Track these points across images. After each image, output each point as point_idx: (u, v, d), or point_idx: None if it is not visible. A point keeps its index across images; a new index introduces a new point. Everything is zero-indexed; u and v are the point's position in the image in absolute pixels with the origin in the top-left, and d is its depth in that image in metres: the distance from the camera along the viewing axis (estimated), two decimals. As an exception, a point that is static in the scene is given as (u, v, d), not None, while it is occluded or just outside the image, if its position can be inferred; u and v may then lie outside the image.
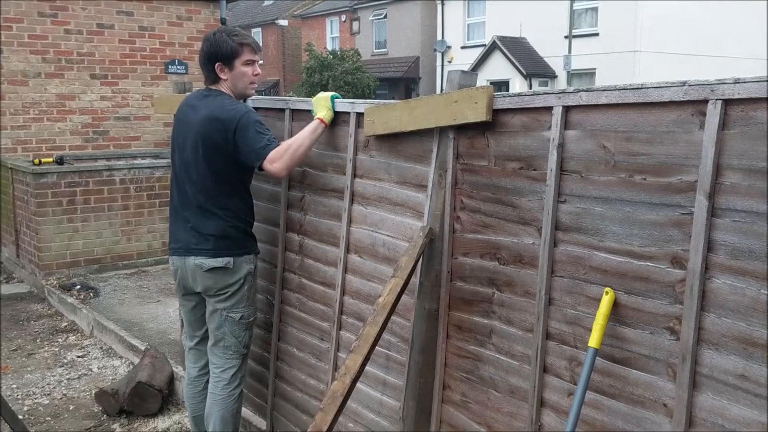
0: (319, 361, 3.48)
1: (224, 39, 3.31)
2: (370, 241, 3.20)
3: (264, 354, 3.82)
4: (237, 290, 3.36)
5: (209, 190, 3.29)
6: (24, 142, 9.00)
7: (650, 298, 2.22)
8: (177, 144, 3.41)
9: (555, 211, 2.46)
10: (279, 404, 3.78)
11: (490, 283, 2.75)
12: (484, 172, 2.74)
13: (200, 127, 3.27)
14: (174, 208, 3.46)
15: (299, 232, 3.58)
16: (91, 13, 9.27)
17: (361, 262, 3.25)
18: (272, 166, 3.17)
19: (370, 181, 3.20)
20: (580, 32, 25.69)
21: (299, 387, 3.61)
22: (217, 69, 3.33)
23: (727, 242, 2.02)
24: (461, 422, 2.91)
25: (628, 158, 2.24)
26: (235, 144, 3.22)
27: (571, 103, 2.38)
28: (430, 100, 2.86)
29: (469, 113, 2.66)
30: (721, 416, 2.05)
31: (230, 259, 3.31)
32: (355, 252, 3.27)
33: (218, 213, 3.30)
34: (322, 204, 3.44)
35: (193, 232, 3.32)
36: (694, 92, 2.04)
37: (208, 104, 3.30)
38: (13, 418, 3.33)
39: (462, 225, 2.86)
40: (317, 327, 3.48)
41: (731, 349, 2.02)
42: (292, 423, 3.66)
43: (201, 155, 3.28)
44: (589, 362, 2.26)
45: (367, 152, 3.21)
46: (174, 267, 3.43)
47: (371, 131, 3.08)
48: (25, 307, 7.02)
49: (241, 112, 3.24)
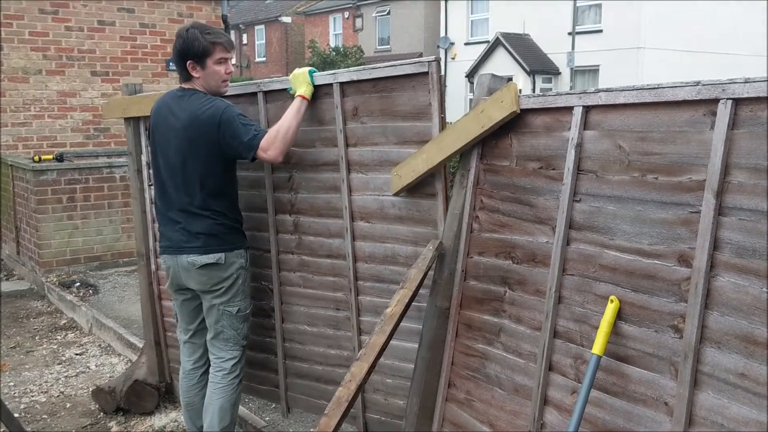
0: (338, 331, 3.49)
1: (196, 36, 3.24)
2: (377, 206, 3.22)
3: (265, 340, 3.79)
4: (231, 285, 3.37)
5: (195, 192, 3.28)
6: (25, 139, 8.97)
7: (656, 296, 2.24)
8: (159, 147, 3.38)
9: (570, 210, 2.50)
10: (294, 384, 3.75)
11: (503, 281, 2.79)
12: (505, 172, 2.79)
13: (183, 130, 3.24)
14: (159, 211, 3.47)
15: (291, 212, 3.55)
16: (92, 10, 9.24)
17: (370, 227, 3.27)
18: (267, 154, 3.17)
19: (367, 147, 3.20)
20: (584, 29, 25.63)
21: (318, 360, 3.60)
22: (189, 67, 3.28)
23: (733, 241, 2.04)
24: (464, 420, 2.93)
25: (642, 158, 2.28)
26: (222, 141, 3.20)
27: (591, 103, 2.43)
28: (459, 123, 2.90)
29: (497, 114, 2.71)
30: (721, 415, 2.06)
31: (221, 255, 3.31)
32: (362, 219, 3.28)
33: (205, 214, 3.30)
34: (314, 180, 3.42)
35: (182, 232, 3.32)
36: (707, 92, 2.08)
37: (186, 106, 3.26)
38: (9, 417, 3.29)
39: (480, 224, 2.90)
40: (330, 299, 3.49)
41: (733, 347, 2.04)
42: (314, 397, 3.67)
43: (186, 158, 3.26)
44: (592, 369, 2.30)
45: (358, 120, 3.21)
46: (166, 265, 3.45)
47: (399, 185, 3.06)
48: (24, 304, 7.00)
49: (220, 109, 3.21)
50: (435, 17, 31.74)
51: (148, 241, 4.21)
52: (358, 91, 3.18)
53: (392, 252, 3.19)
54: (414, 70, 2.97)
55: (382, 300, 3.22)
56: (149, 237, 4.19)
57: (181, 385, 3.65)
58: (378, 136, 3.15)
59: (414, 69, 2.98)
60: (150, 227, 4.17)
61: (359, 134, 3.21)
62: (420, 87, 2.97)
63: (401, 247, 3.17)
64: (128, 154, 4.23)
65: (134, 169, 4.20)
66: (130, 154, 4.20)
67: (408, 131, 3.05)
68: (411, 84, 3.01)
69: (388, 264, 3.22)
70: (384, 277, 3.24)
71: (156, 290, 4.25)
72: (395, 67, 3.06)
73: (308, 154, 3.41)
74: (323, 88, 3.28)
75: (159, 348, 4.31)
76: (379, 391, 3.36)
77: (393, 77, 3.06)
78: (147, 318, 4.33)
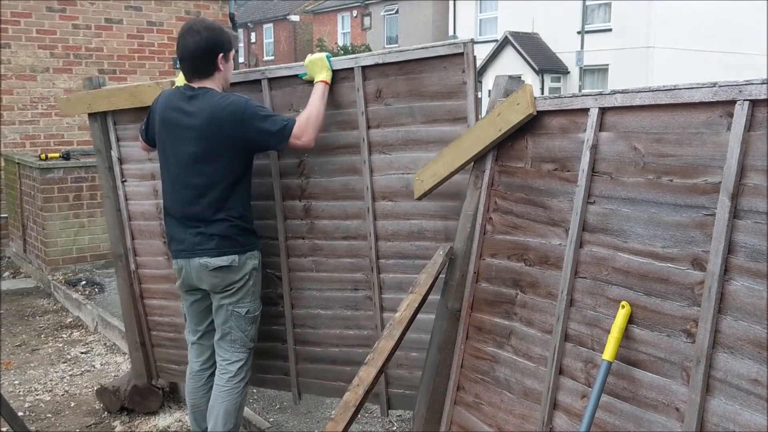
0: (357, 311, 3.49)
1: (222, 28, 3.23)
2: (402, 184, 3.25)
3: (271, 329, 3.73)
4: (242, 286, 3.33)
5: (211, 193, 3.23)
6: (32, 137, 8.97)
7: (669, 299, 2.21)
8: (169, 149, 3.31)
9: (584, 212, 2.48)
10: (307, 369, 3.72)
11: (515, 284, 2.77)
12: (520, 174, 2.77)
13: (201, 131, 3.17)
14: (169, 213, 3.39)
15: (301, 197, 3.54)
16: (99, 8, 9.24)
17: (393, 205, 3.30)
18: (300, 141, 3.17)
19: (391, 128, 3.24)
20: (593, 28, 25.56)
21: (335, 343, 3.59)
22: (220, 60, 3.24)
23: (747, 244, 2.01)
24: (471, 423, 2.91)
25: (657, 159, 2.25)
26: (248, 136, 3.17)
27: (607, 104, 2.41)
28: (474, 129, 2.92)
29: (513, 116, 2.70)
30: (733, 422, 2.02)
31: (235, 257, 3.27)
32: (384, 198, 3.31)
33: (220, 216, 3.25)
34: (330, 163, 3.42)
35: (196, 234, 3.27)
36: (723, 93, 2.05)
37: (202, 105, 3.18)
38: (12, 416, 3.27)
39: (493, 226, 2.89)
40: (347, 280, 3.49)
41: (746, 352, 2.00)
42: (329, 380, 3.65)
43: (204, 159, 3.20)
44: (603, 375, 2.27)
45: (381, 102, 3.24)
46: (178, 266, 3.39)
47: (422, 190, 3.09)
48: (30, 302, 7.00)
49: (242, 104, 3.17)
50: (443, 16, 31.70)
51: (125, 240, 4.09)
52: (381, 74, 3.21)
53: (419, 228, 3.24)
54: (447, 52, 3.01)
55: (406, 276, 3.27)
56: (126, 236, 4.08)
57: (188, 387, 3.61)
58: (404, 117, 3.20)
59: (447, 50, 3.02)
60: (126, 225, 4.07)
61: (383, 115, 3.25)
62: (452, 67, 3.02)
63: (429, 223, 3.21)
64: (96, 152, 4.06)
65: (105, 166, 4.04)
66: (98, 151, 4.03)
67: (438, 110, 3.10)
68: (442, 65, 3.05)
69: (413, 240, 3.26)
70: (409, 254, 3.29)
71: (137, 290, 4.14)
72: (427, 50, 3.08)
73: (323, 139, 3.38)
74: (341, 72, 3.30)
75: (145, 349, 4.20)
76: (403, 366, 3.38)
77: (422, 59, 3.10)
78: (129, 320, 4.17)
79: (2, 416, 3.19)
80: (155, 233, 3.99)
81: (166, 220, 3.44)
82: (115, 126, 3.96)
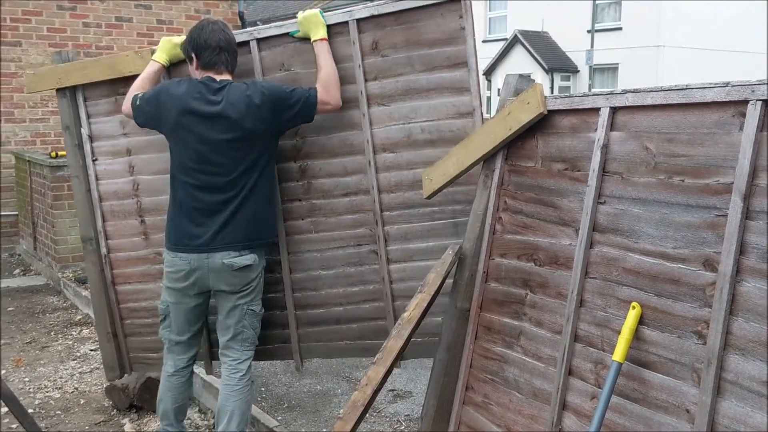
0: (361, 266, 3.49)
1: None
2: (403, 134, 3.30)
3: (267, 297, 3.57)
4: (257, 285, 3.35)
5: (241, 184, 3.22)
6: (43, 135, 9.00)
7: (680, 301, 2.20)
8: (193, 138, 3.22)
9: (594, 212, 2.47)
10: (308, 333, 3.66)
11: (524, 284, 2.76)
12: (529, 173, 2.77)
13: (237, 120, 3.16)
14: (184, 205, 3.28)
15: (297, 158, 3.51)
16: (109, 6, 9.26)
17: (395, 156, 3.34)
18: (329, 105, 3.26)
19: (389, 79, 3.29)
20: (603, 26, 25.46)
21: (338, 302, 3.57)
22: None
23: (760, 245, 2.00)
24: (480, 423, 2.91)
25: (669, 159, 2.25)
26: (281, 116, 3.22)
27: (618, 104, 2.40)
28: (485, 127, 2.94)
29: (524, 116, 2.71)
30: (744, 424, 2.01)
31: (254, 256, 3.29)
32: (384, 150, 3.35)
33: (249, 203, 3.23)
34: (327, 120, 3.41)
35: (222, 224, 3.22)
36: (736, 93, 2.04)
37: (232, 97, 3.18)
38: (22, 413, 3.28)
39: (503, 226, 2.88)
40: (349, 237, 3.49)
41: (758, 354, 1.99)
42: (334, 340, 3.63)
43: (238, 148, 3.19)
44: (613, 376, 2.26)
45: (378, 54, 3.29)
46: (190, 267, 3.25)
47: (431, 189, 3.11)
48: (41, 299, 7.02)
49: (264, 87, 3.24)
50: (452, 14, 31.60)
51: (95, 222, 3.89)
52: (377, 26, 3.26)
53: (419, 178, 3.24)
54: None
55: (411, 225, 3.35)
56: (97, 218, 3.88)
57: (171, 383, 3.49)
58: (402, 67, 3.26)
59: None
60: (97, 206, 3.88)
61: (380, 67, 3.30)
62: (448, 14, 3.13)
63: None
64: (65, 129, 3.84)
65: (73, 143, 3.82)
66: (67, 128, 3.82)
67: (437, 56, 3.18)
68: (438, 12, 3.15)
69: (418, 188, 3.27)
70: (414, 203, 3.33)
71: (109, 275, 3.94)
72: None
73: None
74: (334, 27, 3.33)
75: (117, 340, 4.01)
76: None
77: (418, 8, 3.17)
78: (100, 309, 3.97)
79: (12, 413, 3.21)
80: (130, 212, 3.84)
81: (174, 210, 3.33)
82: (85, 102, 3.80)
